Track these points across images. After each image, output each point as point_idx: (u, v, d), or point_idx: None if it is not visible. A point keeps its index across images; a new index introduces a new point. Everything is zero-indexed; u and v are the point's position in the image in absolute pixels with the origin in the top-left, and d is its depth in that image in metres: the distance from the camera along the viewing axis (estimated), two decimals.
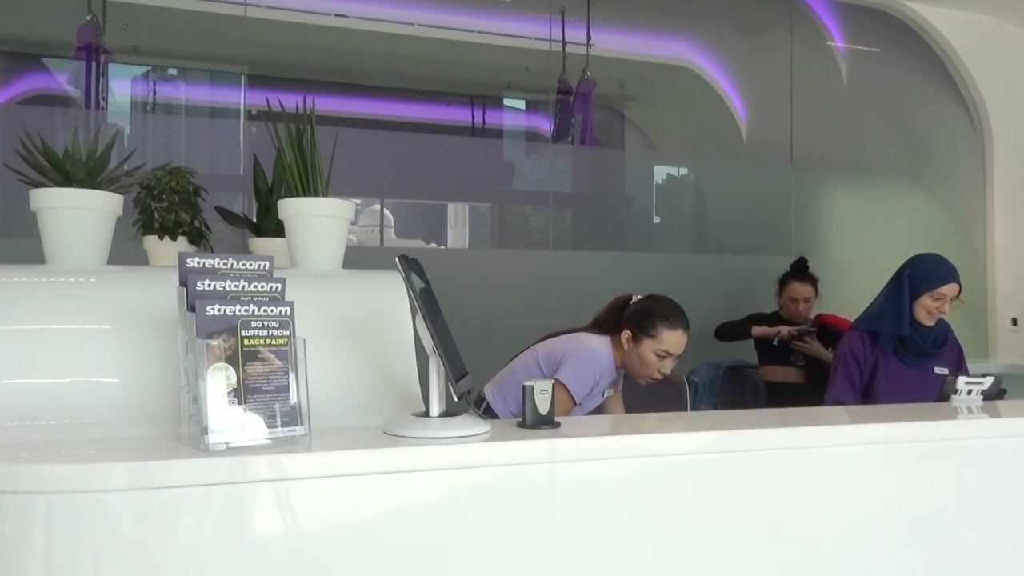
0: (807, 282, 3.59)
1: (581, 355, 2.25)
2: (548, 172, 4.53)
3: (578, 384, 2.20)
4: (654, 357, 2.21)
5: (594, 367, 2.24)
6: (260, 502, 1.17)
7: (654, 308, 2.26)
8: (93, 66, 3.85)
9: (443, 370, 1.28)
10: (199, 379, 1.14)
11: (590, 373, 2.23)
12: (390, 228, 4.84)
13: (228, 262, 1.27)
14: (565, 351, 2.28)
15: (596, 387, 2.27)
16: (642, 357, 2.23)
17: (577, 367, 2.22)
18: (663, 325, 2.21)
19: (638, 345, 2.23)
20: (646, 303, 2.30)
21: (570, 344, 2.30)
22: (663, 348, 2.21)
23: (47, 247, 1.61)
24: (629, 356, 2.27)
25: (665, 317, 2.22)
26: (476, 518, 1.28)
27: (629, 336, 2.25)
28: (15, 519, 1.12)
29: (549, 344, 2.36)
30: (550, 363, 2.29)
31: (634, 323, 2.26)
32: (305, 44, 4.38)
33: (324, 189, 1.75)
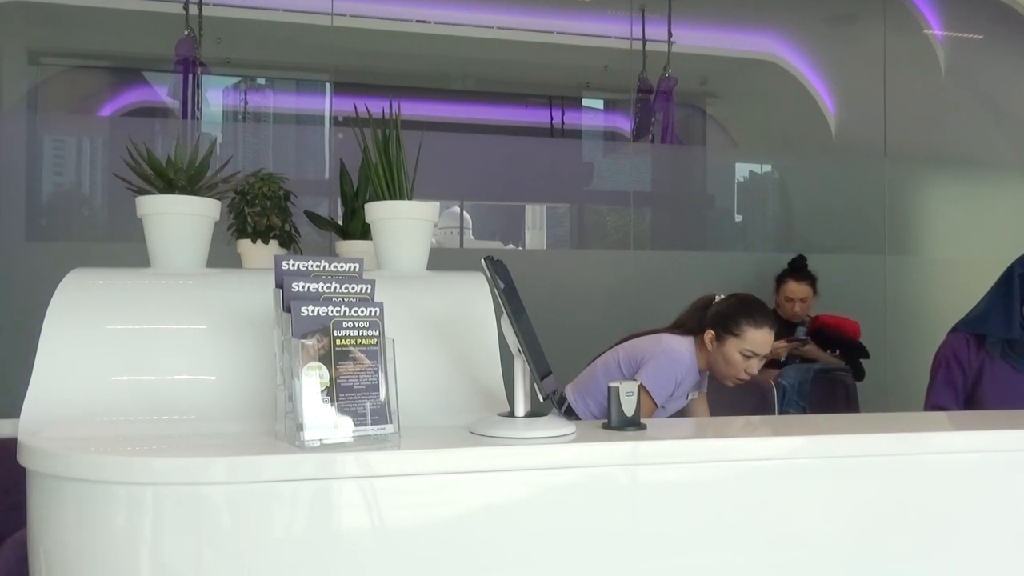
0: (805, 281, 3.46)
1: (662, 356, 2.22)
2: (628, 172, 4.49)
3: (659, 386, 2.18)
4: (740, 357, 2.18)
5: (676, 368, 2.21)
6: (350, 498, 1.20)
7: (738, 307, 2.22)
8: (190, 78, 4.05)
9: (528, 370, 1.28)
10: (294, 377, 1.18)
11: (671, 374, 2.20)
12: (468, 230, 4.90)
13: (321, 264, 1.31)
14: (646, 352, 2.26)
15: (678, 389, 2.24)
16: (727, 357, 2.19)
17: (658, 368, 2.20)
18: (748, 324, 2.17)
19: (722, 345, 2.20)
20: (729, 302, 2.26)
21: (651, 345, 2.28)
22: (748, 348, 2.17)
23: (152, 251, 1.69)
24: (714, 357, 2.23)
25: (750, 316, 2.18)
26: (559, 519, 1.27)
27: (713, 336, 2.22)
28: (126, 508, 1.19)
29: (630, 345, 2.34)
30: (631, 364, 2.27)
31: (717, 323, 2.22)
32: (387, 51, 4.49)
33: (409, 192, 1.78)
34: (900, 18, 4.50)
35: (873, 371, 3.60)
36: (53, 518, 1.24)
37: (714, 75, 4.88)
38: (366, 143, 1.86)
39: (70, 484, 1.20)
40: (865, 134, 4.48)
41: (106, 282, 1.58)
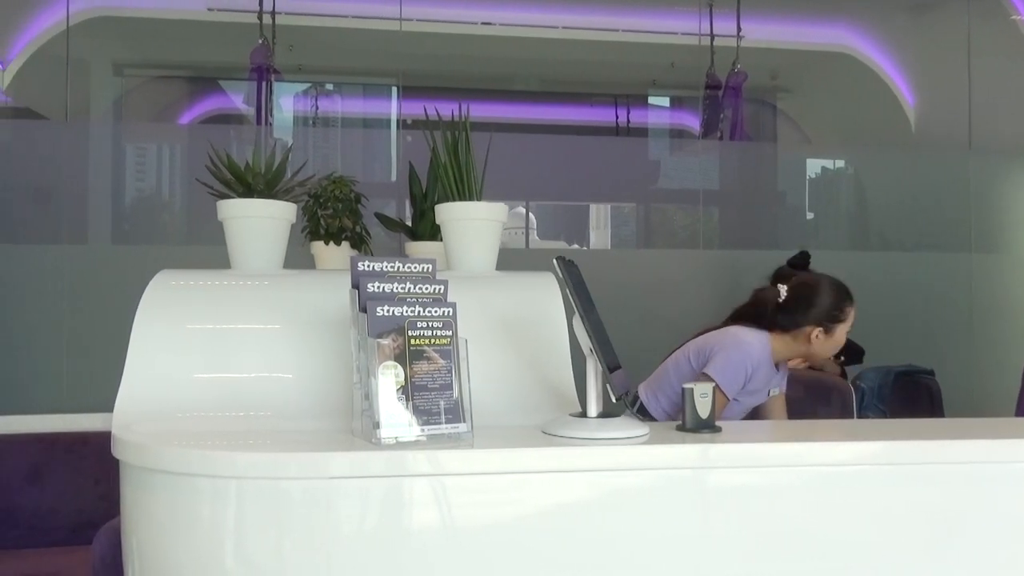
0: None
1: (732, 348, 2.19)
2: (696, 169, 4.41)
3: (727, 378, 2.14)
4: (843, 337, 2.24)
5: (745, 360, 2.17)
6: (424, 496, 1.22)
7: (835, 295, 2.23)
8: (263, 85, 4.17)
9: (601, 370, 1.27)
10: (371, 376, 1.21)
11: (741, 366, 2.16)
12: (532, 230, 4.90)
13: (395, 265, 1.33)
14: (715, 345, 2.24)
15: (751, 382, 2.20)
16: (837, 341, 2.24)
17: (727, 360, 2.16)
18: (848, 304, 2.21)
19: (832, 334, 2.22)
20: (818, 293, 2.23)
21: (720, 337, 2.26)
22: (851, 323, 2.23)
23: (232, 253, 1.75)
24: (820, 347, 2.24)
25: (845, 295, 2.22)
26: (631, 521, 1.26)
27: (820, 331, 2.21)
28: (211, 500, 1.23)
29: (700, 340, 2.32)
30: (699, 358, 2.26)
31: (823, 316, 2.21)
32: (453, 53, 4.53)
33: (479, 193, 1.80)
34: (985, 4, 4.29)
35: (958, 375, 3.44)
36: (144, 508, 1.30)
37: (785, 69, 4.76)
38: (436, 145, 1.88)
39: (160, 476, 1.26)
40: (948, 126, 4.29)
41: (190, 283, 1.64)
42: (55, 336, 3.10)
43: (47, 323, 3.11)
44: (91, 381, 2.87)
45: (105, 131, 4.19)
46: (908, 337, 3.55)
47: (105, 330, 2.89)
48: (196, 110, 5.03)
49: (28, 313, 3.11)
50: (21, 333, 3.07)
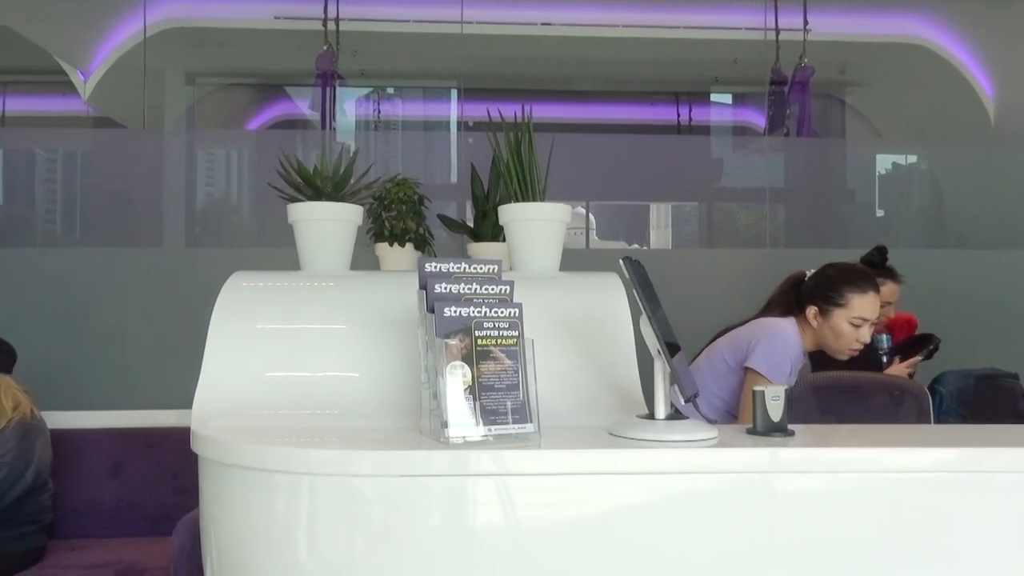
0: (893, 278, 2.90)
1: (772, 338, 2.14)
2: (761, 167, 4.32)
3: (774, 367, 2.09)
4: (849, 327, 2.10)
5: (787, 348, 2.13)
6: (492, 495, 1.22)
7: (838, 276, 2.15)
8: (327, 91, 4.27)
9: (669, 372, 1.26)
10: (438, 376, 1.22)
11: (784, 354, 2.12)
12: (591, 230, 4.88)
13: (461, 266, 1.34)
14: (752, 337, 2.18)
15: (792, 371, 2.15)
16: (836, 329, 2.11)
17: (770, 350, 2.12)
18: (851, 291, 2.10)
19: (828, 319, 2.12)
20: (827, 273, 2.18)
21: (756, 329, 2.21)
22: (856, 315, 2.09)
23: (302, 254, 1.80)
24: (821, 332, 2.15)
25: (852, 282, 2.11)
26: (697, 526, 1.24)
27: (816, 311, 2.14)
28: (285, 496, 1.27)
29: (730, 336, 2.25)
30: (736, 353, 2.18)
31: (819, 296, 2.14)
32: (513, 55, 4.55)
33: (542, 194, 1.80)
34: None
35: None
36: (222, 501, 1.34)
37: (854, 62, 4.61)
38: (498, 146, 1.89)
39: (237, 471, 1.30)
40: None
41: (262, 284, 1.69)
42: (134, 335, 3.23)
43: (126, 323, 3.24)
44: (167, 379, 2.98)
45: (178, 138, 4.35)
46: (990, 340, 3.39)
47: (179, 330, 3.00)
48: (263, 116, 5.19)
49: (108, 313, 3.24)
50: (102, 332, 3.21)
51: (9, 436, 2.38)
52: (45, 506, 2.47)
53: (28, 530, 2.40)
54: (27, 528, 2.40)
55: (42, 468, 2.44)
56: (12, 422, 2.41)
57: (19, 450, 2.36)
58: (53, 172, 4.71)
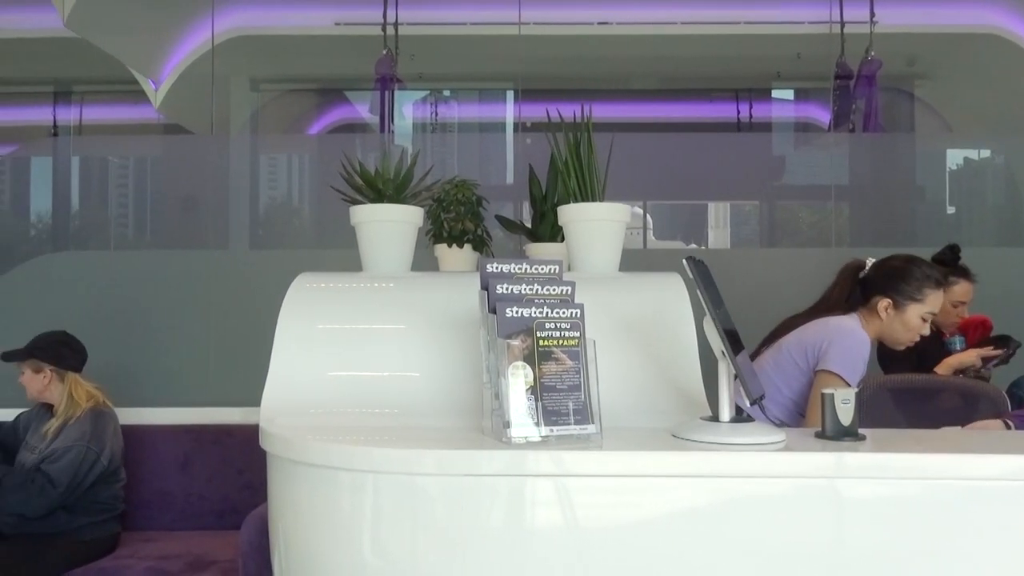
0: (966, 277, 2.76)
1: (846, 338, 2.10)
2: (825, 164, 4.20)
3: (850, 368, 2.05)
4: (920, 322, 2.11)
5: (861, 347, 2.09)
6: (554, 495, 1.22)
7: (915, 271, 2.12)
8: (386, 94, 4.33)
9: (734, 373, 1.24)
10: (500, 376, 1.22)
11: (859, 354, 2.09)
12: (649, 230, 4.83)
13: (522, 267, 1.34)
14: (822, 339, 2.12)
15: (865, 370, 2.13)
16: (908, 323, 2.11)
17: (845, 350, 2.07)
18: (929, 287, 2.09)
19: (902, 312, 2.11)
20: (900, 266, 2.14)
21: (824, 330, 2.15)
22: (929, 310, 2.08)
23: (364, 256, 1.83)
24: (890, 325, 2.13)
25: (929, 278, 2.10)
26: (762, 531, 1.22)
27: (889, 304, 2.11)
28: (350, 493, 1.29)
29: (795, 338, 2.19)
30: (808, 356, 2.13)
31: (893, 289, 2.12)
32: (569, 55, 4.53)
33: (601, 194, 1.79)
34: None
35: None
36: (289, 497, 1.38)
37: (924, 54, 4.45)
38: (557, 147, 1.89)
39: (303, 468, 1.33)
40: None
41: (327, 285, 1.72)
42: (201, 334, 3.33)
43: (194, 323, 3.35)
44: (232, 376, 3.07)
45: (243, 143, 4.48)
46: None
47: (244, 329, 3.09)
48: (324, 121, 5.30)
49: (177, 313, 3.36)
50: (172, 332, 3.32)
51: (83, 421, 2.51)
52: (118, 495, 2.58)
53: (104, 518, 2.51)
54: (103, 516, 2.51)
55: (115, 454, 2.55)
56: (85, 410, 2.54)
57: (93, 434, 2.48)
58: (125, 178, 4.91)
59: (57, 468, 2.38)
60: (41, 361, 2.61)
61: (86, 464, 2.45)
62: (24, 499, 2.33)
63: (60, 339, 2.67)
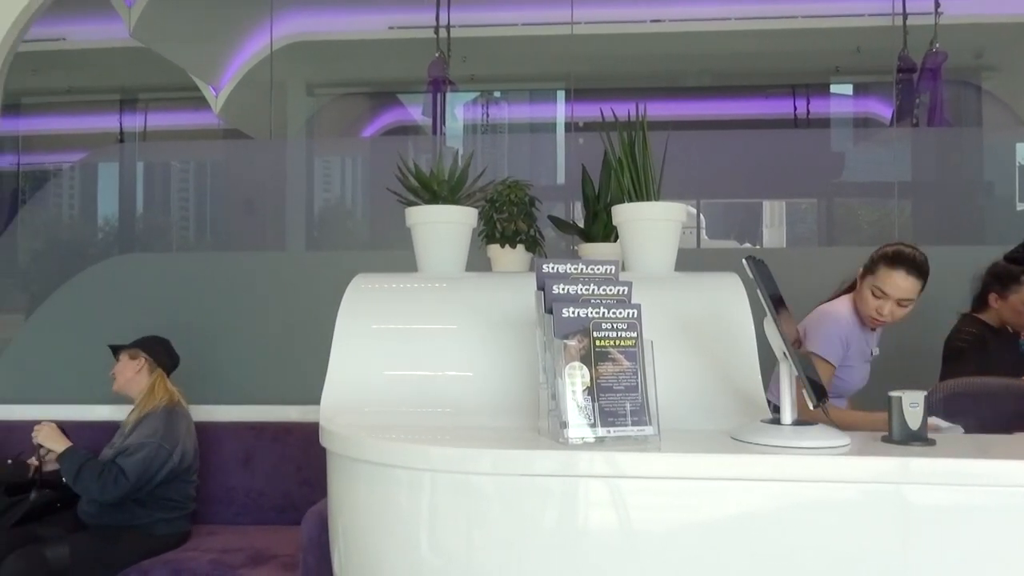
0: None
1: (820, 320, 2.27)
2: (886, 160, 4.08)
3: (824, 346, 2.20)
4: (868, 294, 2.19)
5: (835, 327, 2.23)
6: (611, 496, 1.21)
7: (884, 249, 2.23)
8: (438, 96, 4.38)
9: (796, 375, 1.21)
10: (557, 377, 1.22)
11: (833, 333, 2.23)
12: (702, 229, 4.77)
13: (579, 267, 1.34)
14: (806, 325, 2.30)
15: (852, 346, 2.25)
16: (861, 294, 2.22)
17: (818, 332, 2.23)
18: (884, 263, 2.18)
19: (862, 286, 2.23)
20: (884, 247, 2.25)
21: (810, 315, 2.33)
22: (877, 285, 2.16)
23: (419, 257, 1.85)
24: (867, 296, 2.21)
25: (887, 257, 2.18)
26: (823, 537, 1.19)
27: (860, 273, 2.25)
28: (407, 490, 1.31)
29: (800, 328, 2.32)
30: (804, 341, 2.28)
31: (865, 266, 2.24)
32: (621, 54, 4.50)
33: (656, 193, 1.77)
34: None
35: None
36: (348, 494, 1.40)
37: (992, 45, 4.28)
38: (611, 146, 1.88)
39: (362, 465, 1.35)
40: None
41: (383, 286, 1.75)
42: (259, 334, 3.40)
43: (253, 322, 3.42)
44: (290, 375, 3.14)
45: (299, 147, 4.58)
46: None
47: (301, 329, 3.15)
48: (377, 123, 5.38)
49: (237, 313, 3.44)
50: (231, 331, 3.40)
51: (158, 417, 2.60)
52: (190, 495, 2.66)
53: (176, 515, 2.60)
54: (175, 513, 2.60)
55: (187, 452, 2.63)
56: (161, 407, 2.63)
57: (166, 432, 2.56)
58: (186, 182, 5.07)
59: (131, 462, 2.47)
60: (140, 350, 2.74)
61: (158, 461, 2.52)
62: (100, 487, 2.44)
63: (161, 341, 2.83)
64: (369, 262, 2.00)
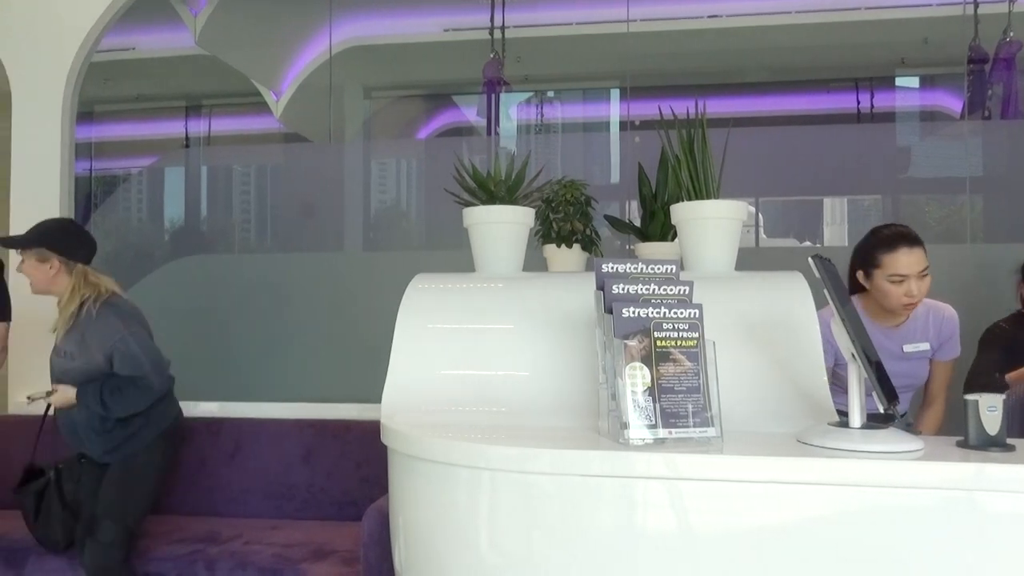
0: None
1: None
2: (955, 154, 3.92)
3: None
4: (890, 285, 2.13)
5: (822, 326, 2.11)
6: (671, 498, 1.20)
7: (869, 239, 2.20)
8: (492, 97, 4.39)
9: (865, 377, 1.18)
10: (617, 377, 1.22)
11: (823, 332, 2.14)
12: (760, 227, 4.67)
13: (639, 266, 1.33)
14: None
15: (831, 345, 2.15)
16: (880, 289, 2.16)
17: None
18: (882, 251, 2.13)
19: (872, 279, 2.17)
20: (864, 236, 2.23)
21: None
22: (892, 272, 2.10)
23: (477, 257, 1.86)
24: (873, 296, 2.18)
25: (882, 244, 2.14)
26: (896, 543, 1.15)
27: (862, 275, 2.20)
28: (467, 488, 1.32)
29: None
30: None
31: (859, 262, 2.21)
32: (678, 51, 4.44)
33: (716, 191, 1.74)
34: None
35: None
36: (409, 491, 1.42)
37: None
38: (669, 144, 1.86)
39: (423, 463, 1.37)
40: None
41: (442, 286, 1.76)
42: (318, 333, 3.48)
43: (312, 321, 3.50)
44: (349, 373, 3.20)
45: (356, 150, 4.65)
46: None
47: (358, 328, 3.21)
48: (432, 125, 5.43)
49: (296, 312, 3.52)
50: (293, 331, 3.49)
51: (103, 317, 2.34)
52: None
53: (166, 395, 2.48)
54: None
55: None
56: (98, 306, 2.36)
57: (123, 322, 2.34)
58: (248, 185, 5.21)
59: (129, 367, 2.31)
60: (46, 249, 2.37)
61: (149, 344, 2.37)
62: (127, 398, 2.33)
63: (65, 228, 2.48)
64: (425, 262, 2.02)
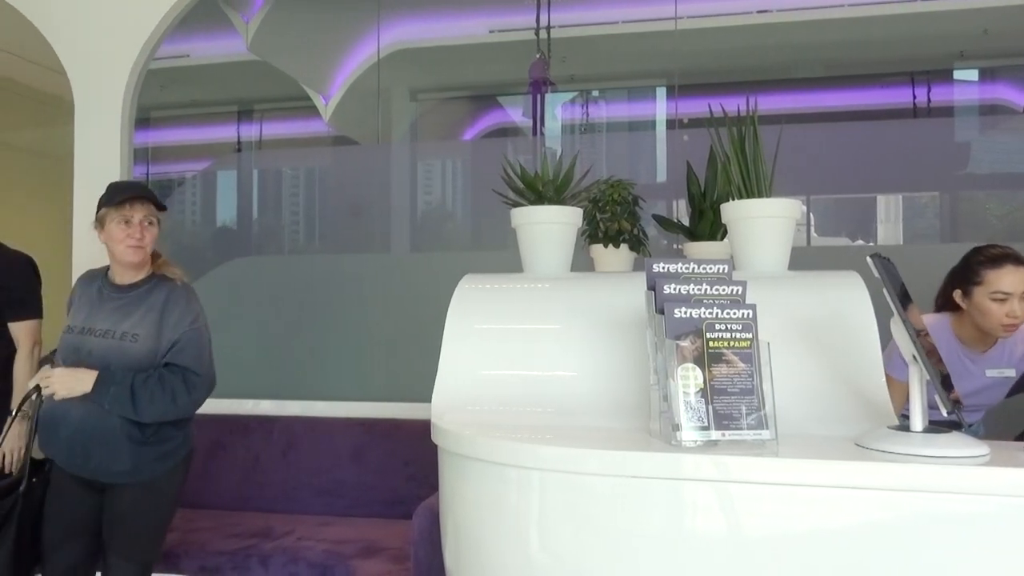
0: None
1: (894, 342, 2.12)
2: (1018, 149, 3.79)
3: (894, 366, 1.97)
4: (992, 304, 2.07)
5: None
6: (719, 501, 1.19)
7: (972, 256, 2.15)
8: (538, 97, 4.40)
9: (927, 379, 1.14)
10: (669, 378, 1.21)
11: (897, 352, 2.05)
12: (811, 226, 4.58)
13: (690, 266, 1.31)
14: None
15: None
16: (980, 308, 2.09)
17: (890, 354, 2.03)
18: (985, 268, 2.08)
19: (971, 298, 2.11)
20: (965, 256, 2.18)
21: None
22: (995, 290, 2.05)
23: (525, 257, 1.86)
24: (971, 315, 2.12)
25: (989, 261, 2.09)
26: (958, 551, 1.11)
27: (960, 294, 2.14)
28: (517, 488, 1.32)
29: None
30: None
31: (959, 280, 2.15)
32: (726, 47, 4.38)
33: (768, 189, 1.71)
34: None
35: None
36: (459, 490, 1.43)
37: None
38: (718, 142, 1.83)
39: (473, 463, 1.37)
40: None
41: (491, 287, 1.77)
42: (367, 333, 3.52)
43: (361, 322, 3.54)
44: (398, 372, 3.23)
45: (403, 151, 4.70)
46: None
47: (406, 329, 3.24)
48: (477, 126, 5.46)
49: (346, 313, 3.57)
50: (342, 331, 3.54)
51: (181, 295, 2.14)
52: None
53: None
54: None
55: None
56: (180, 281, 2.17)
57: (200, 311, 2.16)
58: (297, 187, 5.31)
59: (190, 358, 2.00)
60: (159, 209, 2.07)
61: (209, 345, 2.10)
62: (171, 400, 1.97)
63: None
64: (472, 262, 2.03)
